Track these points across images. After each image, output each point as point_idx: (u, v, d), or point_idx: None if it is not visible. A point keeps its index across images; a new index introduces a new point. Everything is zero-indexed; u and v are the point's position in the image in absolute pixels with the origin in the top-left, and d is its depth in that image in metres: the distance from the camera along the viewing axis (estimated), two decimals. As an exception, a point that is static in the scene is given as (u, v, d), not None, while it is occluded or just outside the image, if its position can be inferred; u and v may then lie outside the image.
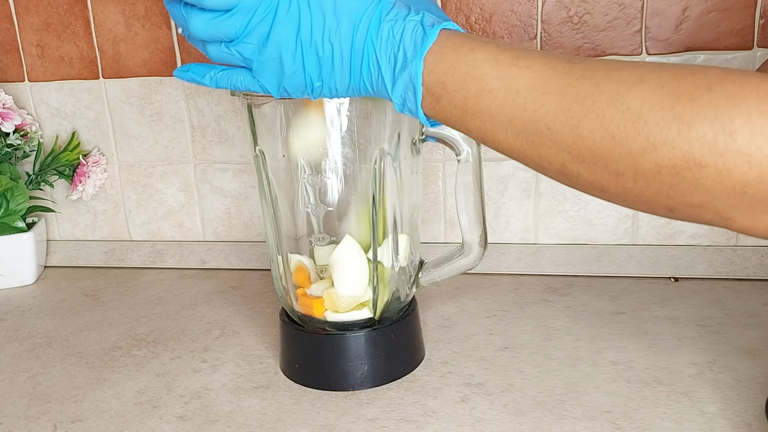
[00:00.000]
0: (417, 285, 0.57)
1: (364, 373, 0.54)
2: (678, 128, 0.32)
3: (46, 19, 0.81)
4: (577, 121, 0.35)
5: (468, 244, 0.56)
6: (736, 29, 0.67)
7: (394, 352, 0.55)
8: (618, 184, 0.35)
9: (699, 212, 0.34)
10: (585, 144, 0.35)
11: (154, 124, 0.82)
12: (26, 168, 0.84)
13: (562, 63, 0.36)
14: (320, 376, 0.54)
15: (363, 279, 0.53)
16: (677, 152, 0.32)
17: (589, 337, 0.60)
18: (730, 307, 0.64)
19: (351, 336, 0.53)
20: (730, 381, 0.52)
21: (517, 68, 0.37)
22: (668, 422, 0.47)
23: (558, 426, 0.47)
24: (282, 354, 0.57)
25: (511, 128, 0.37)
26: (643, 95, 0.33)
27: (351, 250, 0.52)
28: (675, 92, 0.32)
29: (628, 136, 0.33)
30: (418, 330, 0.58)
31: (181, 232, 0.86)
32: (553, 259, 0.75)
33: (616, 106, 0.33)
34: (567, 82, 0.35)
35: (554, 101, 0.35)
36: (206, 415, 0.51)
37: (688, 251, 0.73)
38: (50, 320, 0.70)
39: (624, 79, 0.34)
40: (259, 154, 0.53)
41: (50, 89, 0.84)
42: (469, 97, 0.38)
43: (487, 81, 0.37)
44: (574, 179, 0.37)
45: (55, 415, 0.52)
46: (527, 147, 0.37)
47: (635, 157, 0.33)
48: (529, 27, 0.71)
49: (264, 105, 0.51)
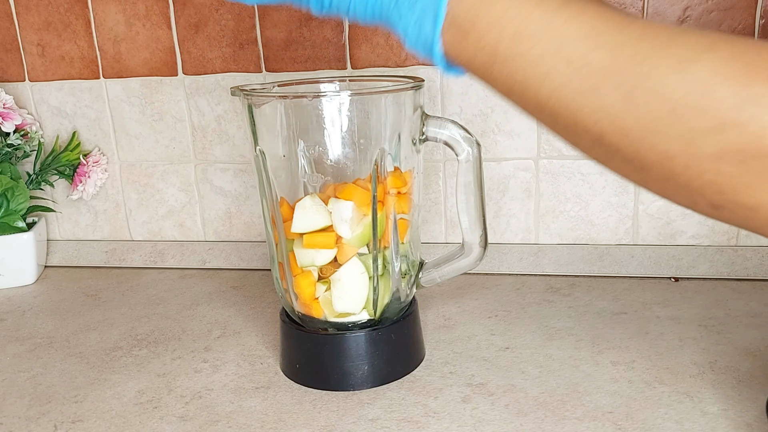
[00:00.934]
0: (417, 285, 0.57)
1: (364, 373, 0.53)
2: (752, 110, 0.27)
3: (46, 19, 0.81)
4: (632, 85, 0.29)
5: (468, 244, 0.56)
6: (737, 29, 0.67)
7: (394, 352, 0.55)
8: (664, 167, 0.30)
9: (750, 215, 0.29)
10: (636, 114, 0.29)
11: (154, 124, 0.82)
12: (27, 168, 0.84)
13: (619, 17, 0.31)
14: (321, 376, 0.54)
15: (362, 299, 0.53)
16: (747, 137, 0.27)
17: (590, 338, 0.60)
18: (732, 308, 0.64)
19: (351, 336, 0.53)
20: (732, 381, 0.52)
21: (565, 14, 0.31)
22: (670, 422, 0.47)
23: (560, 426, 0.47)
24: (282, 354, 0.57)
25: (548, 83, 0.32)
26: (714, 66, 0.28)
27: (355, 271, 0.52)
28: (752, 68, 0.28)
29: (691, 111, 0.28)
30: (418, 330, 0.58)
31: (181, 232, 0.86)
32: (554, 259, 0.75)
33: (680, 75, 0.28)
34: (623, 39, 0.30)
35: (606, 59, 0.30)
36: (207, 415, 0.51)
37: (689, 251, 0.73)
38: (51, 320, 0.70)
39: (692, 45, 0.29)
40: (259, 154, 0.53)
41: (51, 89, 0.84)
42: (503, 39, 0.32)
43: (529, 23, 0.32)
44: (609, 155, 0.32)
45: (56, 416, 0.52)
46: (562, 108, 0.32)
47: (695, 137, 0.28)
48: (531, 27, 0.71)
49: (264, 105, 0.51)
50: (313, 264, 0.53)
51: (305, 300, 0.54)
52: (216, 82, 0.79)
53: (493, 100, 0.73)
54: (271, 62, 0.77)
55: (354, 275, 0.52)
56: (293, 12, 0.75)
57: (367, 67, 0.75)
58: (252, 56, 0.78)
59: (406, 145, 0.53)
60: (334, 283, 0.53)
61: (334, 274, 0.52)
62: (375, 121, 0.51)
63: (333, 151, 0.51)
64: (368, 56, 0.75)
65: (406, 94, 0.51)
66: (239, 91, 0.52)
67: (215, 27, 0.77)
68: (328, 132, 0.51)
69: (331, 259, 0.52)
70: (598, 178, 0.73)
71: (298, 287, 0.53)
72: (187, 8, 0.78)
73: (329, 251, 0.52)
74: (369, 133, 0.51)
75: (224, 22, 0.77)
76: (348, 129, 0.51)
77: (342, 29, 0.75)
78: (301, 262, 0.53)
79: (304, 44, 0.76)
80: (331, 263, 0.53)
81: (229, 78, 0.79)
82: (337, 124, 0.50)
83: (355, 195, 0.52)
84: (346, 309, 0.53)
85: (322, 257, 0.52)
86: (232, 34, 0.77)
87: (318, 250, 0.52)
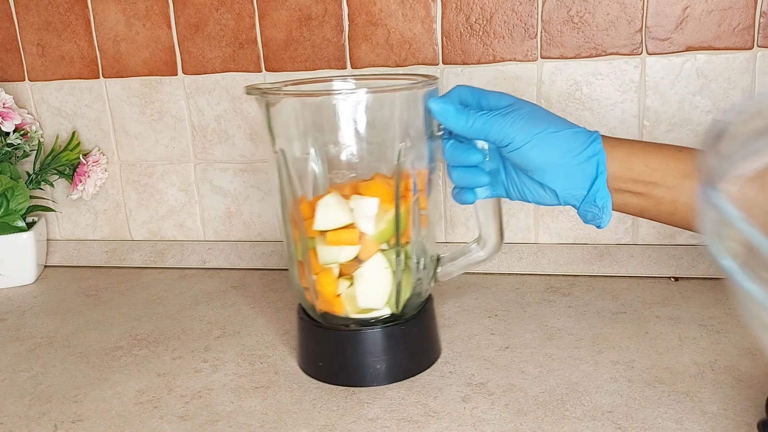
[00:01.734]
0: (435, 280, 0.58)
1: (387, 368, 0.54)
2: None
3: (46, 18, 0.81)
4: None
5: (484, 237, 0.57)
6: (736, 29, 0.67)
7: (416, 346, 0.56)
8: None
9: None
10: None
11: (154, 124, 0.82)
12: (26, 167, 0.84)
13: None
14: (345, 373, 0.54)
15: (385, 294, 0.54)
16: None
17: (590, 337, 0.60)
18: (731, 307, 0.64)
19: (374, 332, 0.54)
20: (731, 381, 0.52)
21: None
22: (670, 422, 0.47)
23: (559, 426, 0.47)
24: (301, 352, 0.57)
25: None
26: None
27: (379, 266, 0.53)
28: None
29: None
30: (435, 324, 0.59)
31: (181, 232, 0.86)
32: (554, 259, 0.75)
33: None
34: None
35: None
36: (207, 414, 0.51)
37: (689, 251, 0.73)
38: (51, 320, 0.70)
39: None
40: (279, 153, 0.53)
41: (50, 88, 0.84)
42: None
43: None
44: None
45: (56, 415, 0.52)
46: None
47: None
48: (530, 26, 0.71)
49: (278, 104, 0.51)
50: (337, 261, 0.53)
51: (327, 297, 0.54)
52: (216, 82, 0.79)
53: (492, 100, 0.73)
54: (270, 62, 0.77)
55: (378, 270, 0.53)
56: (293, 12, 0.75)
57: (366, 66, 0.75)
58: (252, 56, 0.78)
59: (422, 141, 0.53)
60: (358, 278, 0.53)
61: (358, 269, 0.53)
62: (390, 117, 0.52)
63: (349, 148, 0.51)
64: (368, 56, 0.75)
65: (418, 92, 0.52)
66: (255, 90, 0.52)
67: (215, 27, 0.78)
68: (343, 130, 0.51)
69: (354, 255, 0.53)
70: (597, 178, 0.73)
71: (321, 284, 0.54)
72: (187, 8, 0.78)
73: (353, 248, 0.52)
74: (385, 130, 0.52)
75: (224, 21, 0.77)
76: (364, 126, 0.51)
77: (342, 29, 0.75)
78: (324, 260, 0.53)
79: (304, 44, 0.76)
80: (352, 260, 0.53)
81: (229, 78, 0.79)
82: (352, 122, 0.50)
83: (379, 191, 0.52)
84: (370, 304, 0.53)
85: (345, 254, 0.52)
86: (231, 33, 0.77)
87: (342, 247, 0.52)
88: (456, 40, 0.73)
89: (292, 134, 0.52)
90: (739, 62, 0.68)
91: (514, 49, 0.72)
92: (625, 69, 0.70)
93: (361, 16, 0.74)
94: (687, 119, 0.70)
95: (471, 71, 0.73)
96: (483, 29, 0.72)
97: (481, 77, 0.73)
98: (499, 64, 0.72)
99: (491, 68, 0.72)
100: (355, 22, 0.74)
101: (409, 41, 0.74)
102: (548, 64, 0.71)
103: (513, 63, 0.72)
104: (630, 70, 0.70)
